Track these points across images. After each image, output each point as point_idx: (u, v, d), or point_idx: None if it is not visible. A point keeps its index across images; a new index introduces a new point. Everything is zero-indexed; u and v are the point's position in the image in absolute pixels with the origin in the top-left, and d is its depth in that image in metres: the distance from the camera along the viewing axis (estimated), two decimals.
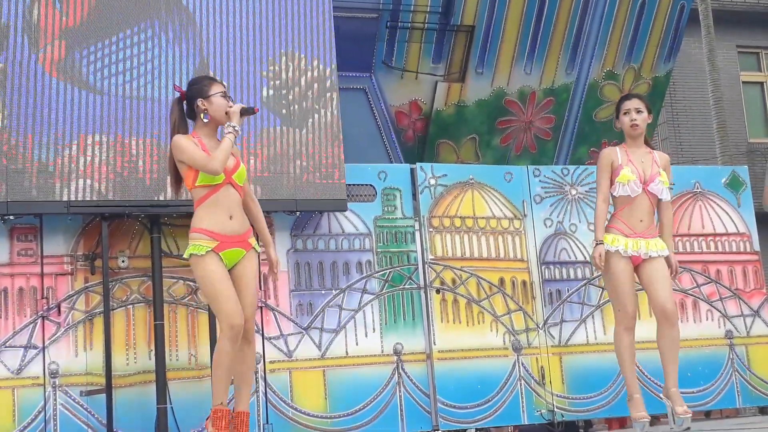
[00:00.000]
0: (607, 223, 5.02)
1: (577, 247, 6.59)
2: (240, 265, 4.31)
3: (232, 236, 4.26)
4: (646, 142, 5.18)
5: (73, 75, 5.37)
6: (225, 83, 4.68)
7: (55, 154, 5.24)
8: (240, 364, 4.29)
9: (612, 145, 8.52)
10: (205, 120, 4.36)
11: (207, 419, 4.26)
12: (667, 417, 5.03)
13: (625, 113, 5.05)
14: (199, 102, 4.36)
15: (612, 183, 5.00)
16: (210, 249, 4.20)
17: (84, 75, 5.39)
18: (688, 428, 4.73)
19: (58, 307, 5.34)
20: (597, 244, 4.93)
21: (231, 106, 4.34)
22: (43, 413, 5.18)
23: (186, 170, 4.29)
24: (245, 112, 4.37)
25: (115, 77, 5.45)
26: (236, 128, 4.29)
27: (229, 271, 4.28)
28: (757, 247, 7.08)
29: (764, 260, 7.39)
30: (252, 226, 4.45)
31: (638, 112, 5.03)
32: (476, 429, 6.51)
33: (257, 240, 4.46)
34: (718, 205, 7.04)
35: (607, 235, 4.95)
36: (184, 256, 4.35)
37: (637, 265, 4.96)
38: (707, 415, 7.32)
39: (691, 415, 4.82)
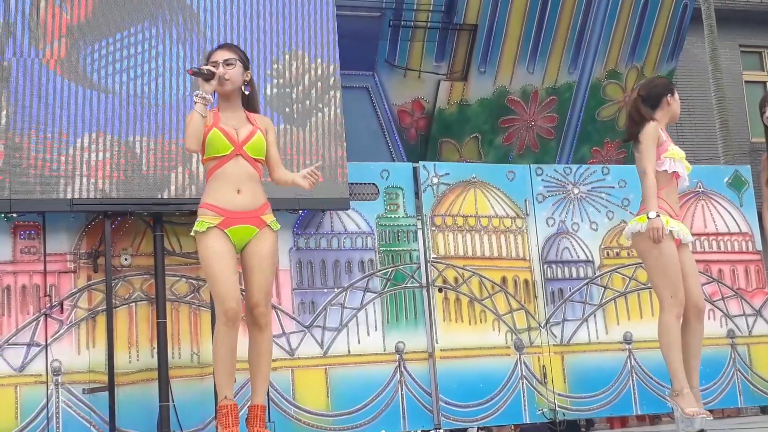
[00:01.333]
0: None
1: (579, 246, 6.59)
2: (251, 245, 4.03)
3: (240, 212, 3.99)
4: None
5: (77, 73, 5.37)
6: (225, 44, 4.39)
7: (58, 152, 5.24)
8: (252, 354, 4.07)
9: (614, 144, 8.58)
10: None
11: (216, 419, 4.11)
12: (668, 416, 5.01)
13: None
14: None
15: (657, 157, 4.80)
16: (213, 225, 3.96)
17: (88, 73, 5.40)
18: (703, 430, 4.65)
19: (61, 304, 5.34)
20: (658, 215, 4.66)
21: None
22: (45, 411, 5.19)
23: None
24: (198, 74, 4.07)
25: (119, 75, 5.45)
26: (202, 95, 3.99)
27: (242, 251, 4.04)
28: (759, 246, 7.08)
29: (766, 260, 7.38)
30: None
31: None
32: (478, 428, 6.52)
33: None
34: (720, 204, 7.04)
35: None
36: (191, 233, 4.15)
37: None
38: None
39: (707, 415, 4.70)
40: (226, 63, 4.10)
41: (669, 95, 5.00)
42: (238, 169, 4.03)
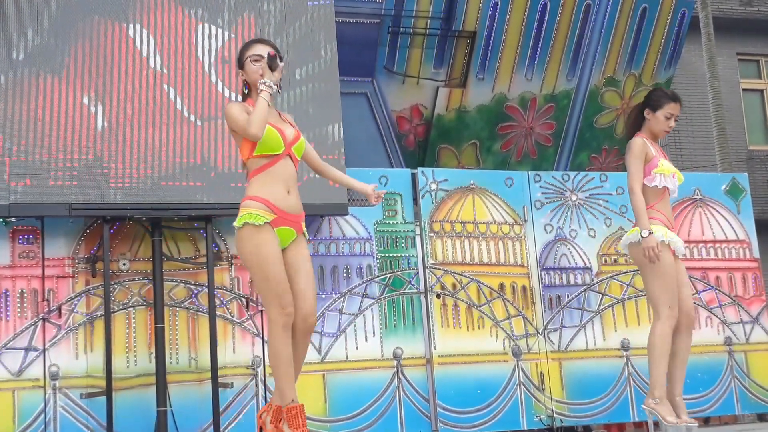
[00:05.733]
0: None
1: (577, 252, 6.60)
2: (292, 250, 3.87)
3: (289, 214, 3.85)
4: None
5: (75, 79, 5.38)
6: (269, 42, 4.09)
7: (56, 157, 5.25)
8: (294, 356, 3.90)
9: (612, 151, 8.59)
10: (246, 90, 3.97)
11: (276, 421, 3.85)
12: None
13: (667, 117, 4.90)
14: (240, 73, 3.99)
15: (646, 173, 4.82)
16: (268, 221, 3.78)
17: (86, 79, 5.40)
18: None
19: (59, 309, 5.34)
20: (651, 234, 4.67)
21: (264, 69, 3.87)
22: (43, 415, 5.19)
23: (242, 140, 3.88)
24: (272, 64, 3.85)
25: (118, 80, 5.46)
26: (269, 84, 3.80)
27: (283, 251, 3.87)
28: (756, 254, 7.09)
29: (764, 267, 7.39)
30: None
31: (676, 120, 4.94)
32: None
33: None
34: (717, 211, 7.05)
35: (654, 226, 4.74)
36: (235, 225, 3.84)
37: None
38: (706, 421, 7.32)
39: (696, 424, 4.76)
40: (260, 58, 3.92)
41: (647, 109, 4.97)
42: (286, 169, 3.88)
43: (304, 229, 3.96)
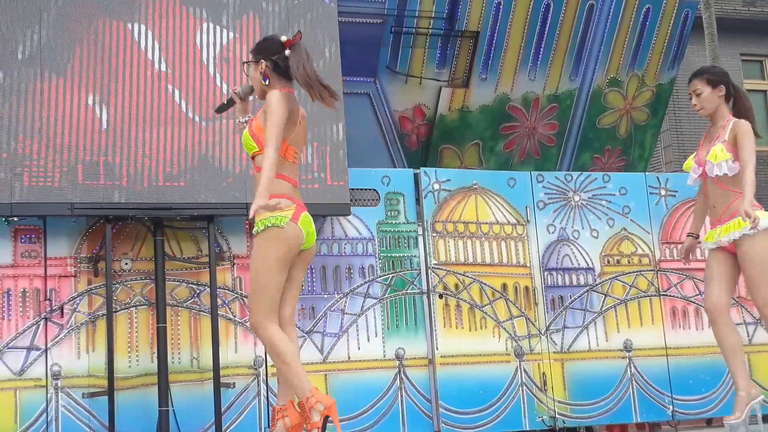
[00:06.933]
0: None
1: (580, 253, 6.59)
2: None
3: None
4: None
5: (78, 79, 5.37)
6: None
7: (59, 156, 5.24)
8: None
9: (615, 151, 8.58)
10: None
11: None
12: (668, 424, 5.00)
13: (689, 97, 4.79)
14: None
15: None
16: None
17: (89, 79, 5.40)
18: None
19: (61, 308, 5.34)
20: (687, 235, 5.00)
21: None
22: (45, 415, 5.18)
23: None
24: (223, 110, 4.08)
25: (122, 79, 5.45)
26: (237, 122, 4.01)
27: None
28: None
29: None
30: None
31: (697, 94, 4.69)
32: None
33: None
34: None
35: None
36: None
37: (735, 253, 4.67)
38: (709, 422, 7.30)
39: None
40: (246, 67, 3.97)
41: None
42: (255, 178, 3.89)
43: (255, 222, 3.75)
